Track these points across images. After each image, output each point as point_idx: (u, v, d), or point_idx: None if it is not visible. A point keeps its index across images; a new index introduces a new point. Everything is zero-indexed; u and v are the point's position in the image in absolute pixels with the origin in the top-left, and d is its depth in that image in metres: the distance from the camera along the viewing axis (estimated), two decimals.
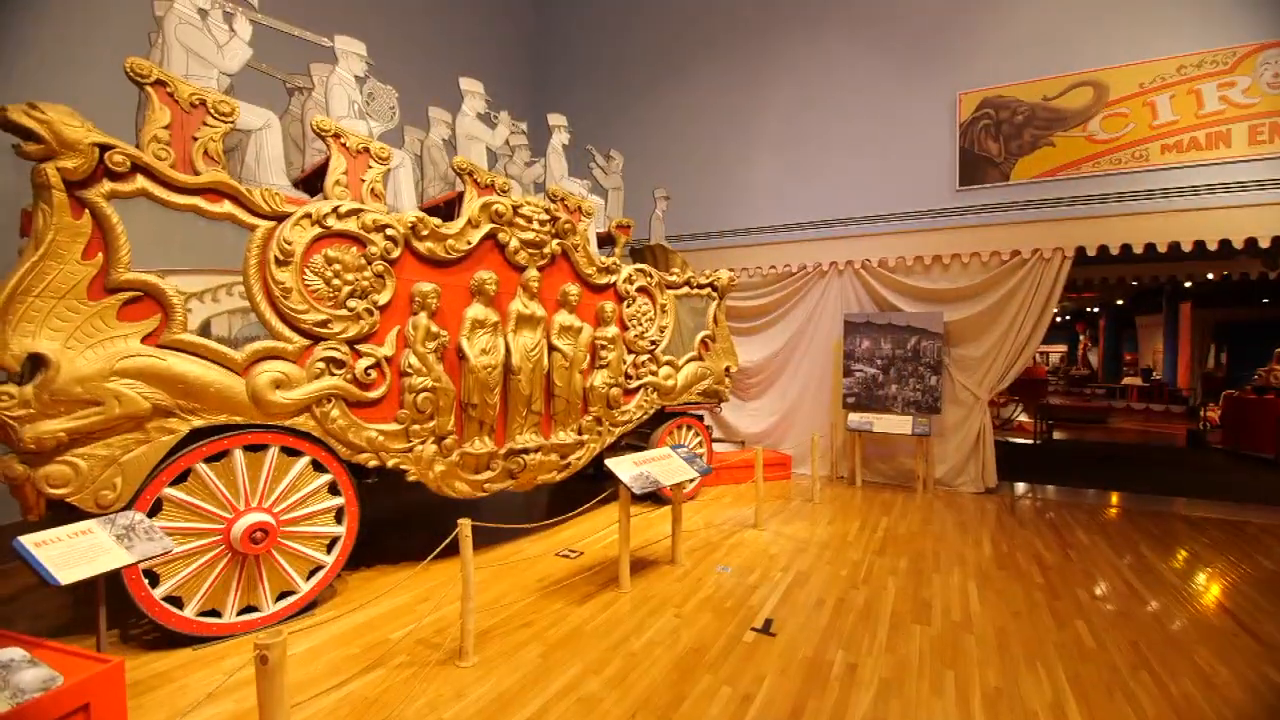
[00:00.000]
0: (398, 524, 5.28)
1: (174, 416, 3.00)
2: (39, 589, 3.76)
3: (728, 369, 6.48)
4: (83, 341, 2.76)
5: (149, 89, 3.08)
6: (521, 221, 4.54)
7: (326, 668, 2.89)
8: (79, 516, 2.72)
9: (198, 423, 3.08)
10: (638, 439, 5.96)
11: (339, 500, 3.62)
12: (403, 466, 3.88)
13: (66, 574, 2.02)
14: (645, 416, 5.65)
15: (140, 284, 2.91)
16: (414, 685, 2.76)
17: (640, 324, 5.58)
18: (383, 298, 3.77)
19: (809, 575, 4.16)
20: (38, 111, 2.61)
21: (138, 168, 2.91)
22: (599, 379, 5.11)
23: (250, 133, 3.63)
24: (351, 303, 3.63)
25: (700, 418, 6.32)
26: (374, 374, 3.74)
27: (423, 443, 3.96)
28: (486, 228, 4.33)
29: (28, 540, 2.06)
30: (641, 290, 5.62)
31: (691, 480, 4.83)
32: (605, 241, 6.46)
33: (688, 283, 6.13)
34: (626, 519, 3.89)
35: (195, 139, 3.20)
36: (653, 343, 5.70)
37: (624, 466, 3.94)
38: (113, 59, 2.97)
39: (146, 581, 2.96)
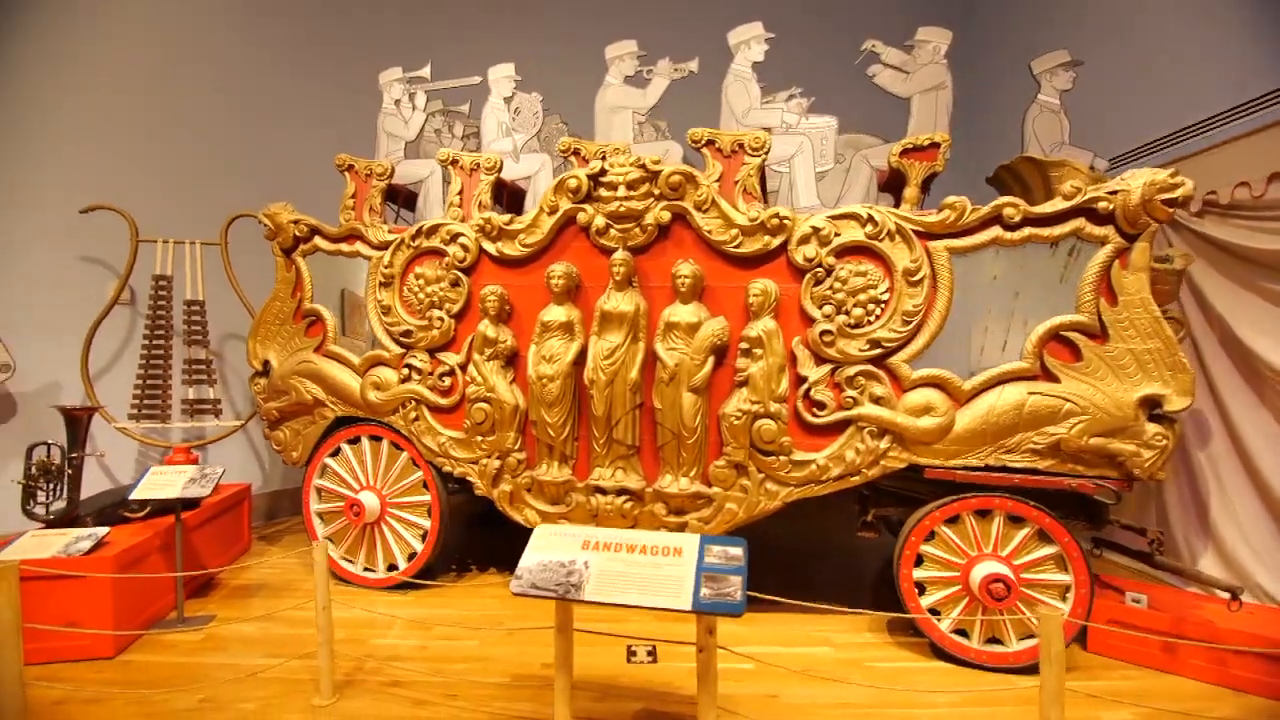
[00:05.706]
0: None
1: (325, 407, 4.09)
2: None
3: (1153, 404, 2.69)
4: (287, 351, 4.21)
5: (345, 173, 4.34)
6: (604, 192, 3.51)
7: (290, 640, 3.22)
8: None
9: (339, 411, 4.07)
10: (905, 507, 3.28)
11: (428, 497, 3.89)
12: (469, 477, 3.77)
13: (138, 494, 3.26)
14: (859, 478, 3.12)
15: (315, 311, 4.17)
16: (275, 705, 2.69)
17: (845, 311, 3.15)
18: (457, 305, 3.81)
19: None
20: (267, 210, 4.21)
21: (314, 231, 4.19)
22: (734, 403, 3.24)
23: (421, 181, 4.44)
24: (431, 313, 3.86)
25: (1057, 506, 2.89)
26: (448, 381, 3.82)
27: (487, 457, 3.71)
28: (563, 209, 3.61)
29: (155, 469, 3.46)
30: (850, 251, 3.17)
31: (701, 614, 2.24)
32: (892, 185, 3.93)
33: (998, 219, 2.96)
34: (565, 644, 2.29)
35: (365, 201, 4.26)
36: (877, 345, 3.09)
37: (548, 545, 2.41)
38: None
39: (316, 522, 4.17)
